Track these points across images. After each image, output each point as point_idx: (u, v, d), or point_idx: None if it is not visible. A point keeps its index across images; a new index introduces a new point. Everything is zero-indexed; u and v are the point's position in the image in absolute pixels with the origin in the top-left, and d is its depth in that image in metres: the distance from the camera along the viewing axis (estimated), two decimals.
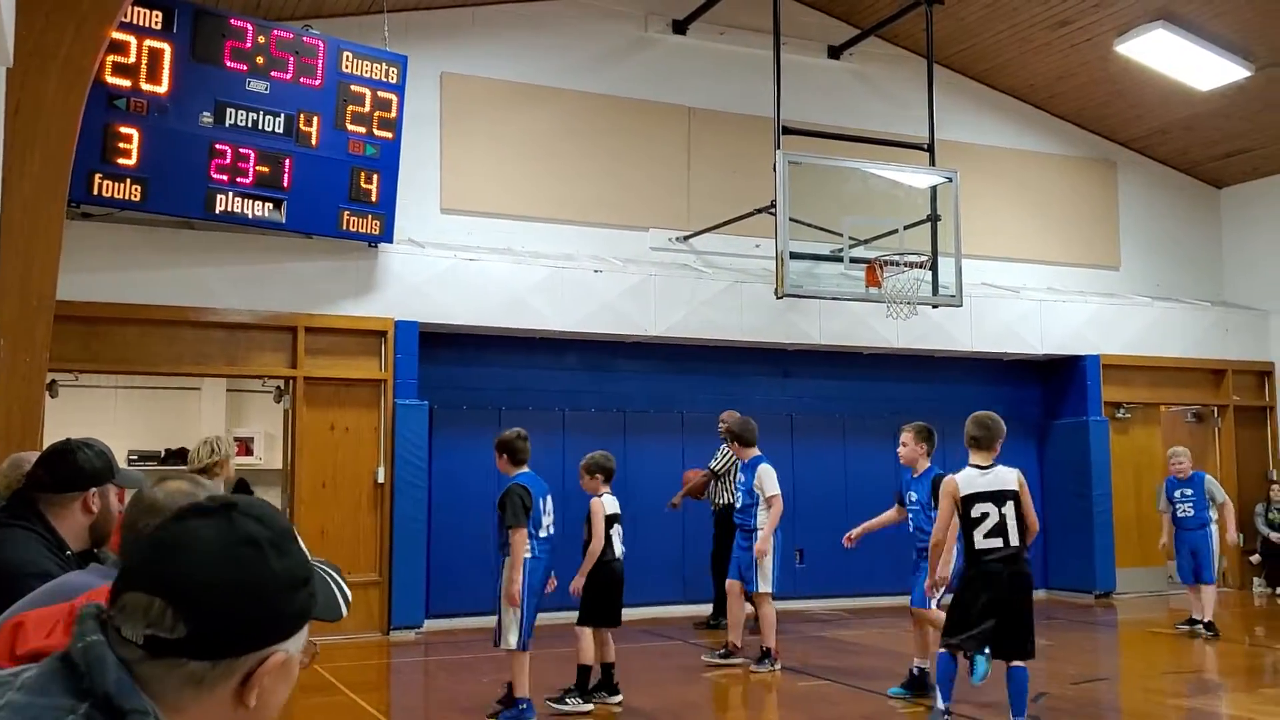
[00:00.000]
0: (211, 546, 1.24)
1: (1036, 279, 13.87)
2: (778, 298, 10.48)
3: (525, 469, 6.79)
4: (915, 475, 7.35)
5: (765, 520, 8.47)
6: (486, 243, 11.28)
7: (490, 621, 11.02)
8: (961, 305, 11.37)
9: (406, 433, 10.60)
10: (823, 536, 12.37)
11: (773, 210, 10.28)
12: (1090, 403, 13.55)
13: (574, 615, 7.31)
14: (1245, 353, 14.64)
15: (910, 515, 7.41)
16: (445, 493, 11.11)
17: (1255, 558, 13.62)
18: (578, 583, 7.11)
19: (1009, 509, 5.35)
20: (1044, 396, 14.29)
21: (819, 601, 12.35)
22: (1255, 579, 13.82)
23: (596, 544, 7.09)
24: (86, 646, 1.21)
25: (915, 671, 7.35)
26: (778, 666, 8.43)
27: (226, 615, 1.21)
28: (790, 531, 11.74)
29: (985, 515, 5.37)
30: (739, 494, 8.88)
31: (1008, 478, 5.52)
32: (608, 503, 7.18)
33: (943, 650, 5.93)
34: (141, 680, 1.20)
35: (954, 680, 5.96)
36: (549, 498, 6.83)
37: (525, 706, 6.67)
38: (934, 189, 11.10)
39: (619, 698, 7.20)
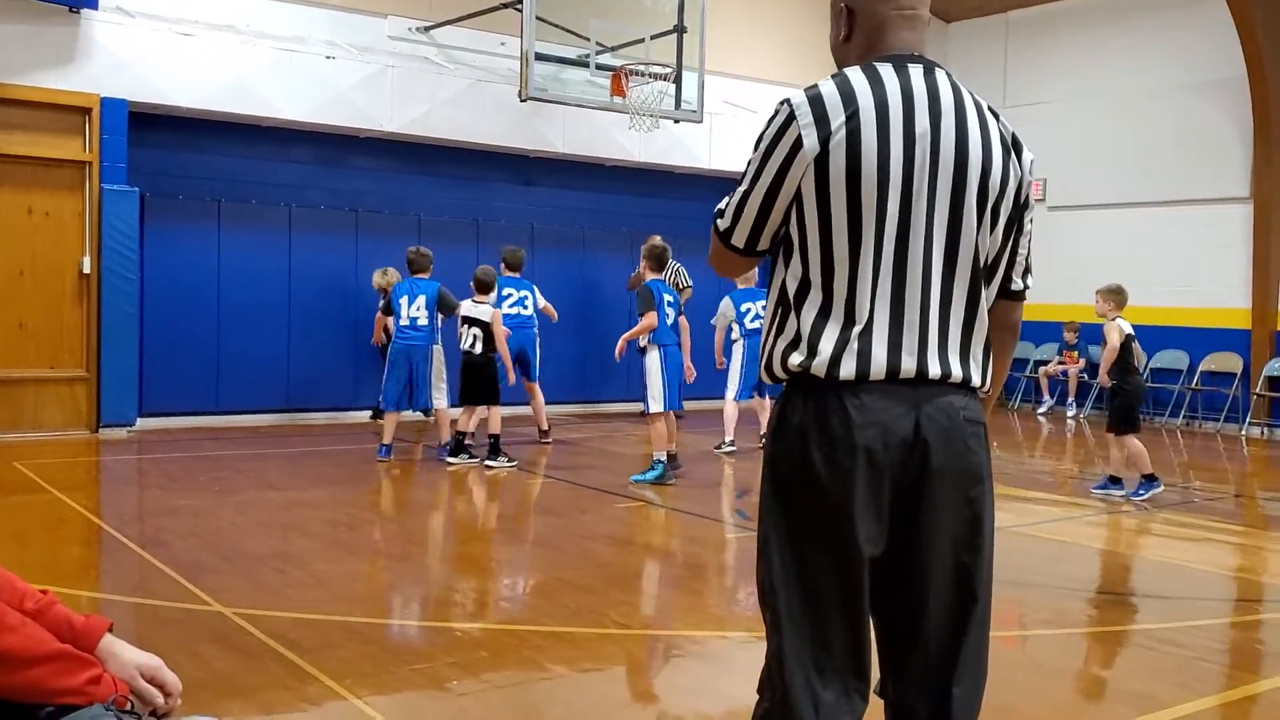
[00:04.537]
0: None
1: (776, 100, 14.08)
2: (522, 100, 10.27)
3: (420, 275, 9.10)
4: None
5: None
6: (206, 17, 10.33)
7: (207, 421, 10.69)
8: (702, 121, 11.48)
9: (115, 221, 9.84)
10: (559, 346, 12.54)
11: (519, 6, 9.93)
12: None
13: None
14: None
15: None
16: (160, 287, 10.47)
17: None
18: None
19: (1135, 344, 8.09)
20: None
21: (554, 408, 12.57)
22: None
23: None
24: None
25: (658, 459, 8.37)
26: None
27: None
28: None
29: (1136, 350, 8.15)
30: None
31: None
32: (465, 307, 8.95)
33: None
34: None
35: None
36: (413, 296, 9.00)
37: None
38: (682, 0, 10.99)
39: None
